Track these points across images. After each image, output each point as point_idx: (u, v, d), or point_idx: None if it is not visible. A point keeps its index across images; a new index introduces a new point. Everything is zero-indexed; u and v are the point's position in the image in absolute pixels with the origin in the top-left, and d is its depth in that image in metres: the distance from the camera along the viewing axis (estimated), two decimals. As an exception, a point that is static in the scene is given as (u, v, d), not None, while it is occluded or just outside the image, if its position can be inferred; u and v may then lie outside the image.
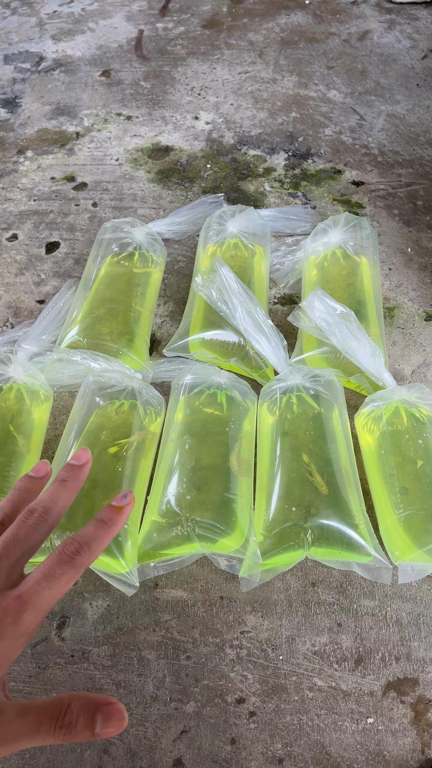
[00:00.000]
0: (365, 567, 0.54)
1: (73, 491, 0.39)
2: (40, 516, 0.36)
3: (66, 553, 0.33)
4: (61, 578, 0.32)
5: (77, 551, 0.34)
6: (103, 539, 0.35)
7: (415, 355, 0.72)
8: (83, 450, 0.41)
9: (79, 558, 0.33)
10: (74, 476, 0.39)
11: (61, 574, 0.32)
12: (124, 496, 0.38)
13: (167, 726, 0.49)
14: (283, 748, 0.48)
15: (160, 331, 0.76)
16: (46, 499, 0.37)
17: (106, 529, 0.36)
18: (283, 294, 0.80)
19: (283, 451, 0.57)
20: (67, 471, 0.40)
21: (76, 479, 0.39)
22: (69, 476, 0.39)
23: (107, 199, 0.93)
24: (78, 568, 0.33)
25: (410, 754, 0.48)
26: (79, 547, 0.34)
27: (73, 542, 0.34)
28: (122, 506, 0.37)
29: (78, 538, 0.35)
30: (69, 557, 0.33)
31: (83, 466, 0.40)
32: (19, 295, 0.80)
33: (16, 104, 1.12)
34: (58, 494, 0.38)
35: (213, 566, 0.56)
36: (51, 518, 0.36)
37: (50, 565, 0.33)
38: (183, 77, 1.17)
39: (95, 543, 0.35)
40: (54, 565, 0.33)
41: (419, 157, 0.98)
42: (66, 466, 0.40)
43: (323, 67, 1.18)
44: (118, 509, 0.37)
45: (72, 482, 0.39)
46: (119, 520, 0.37)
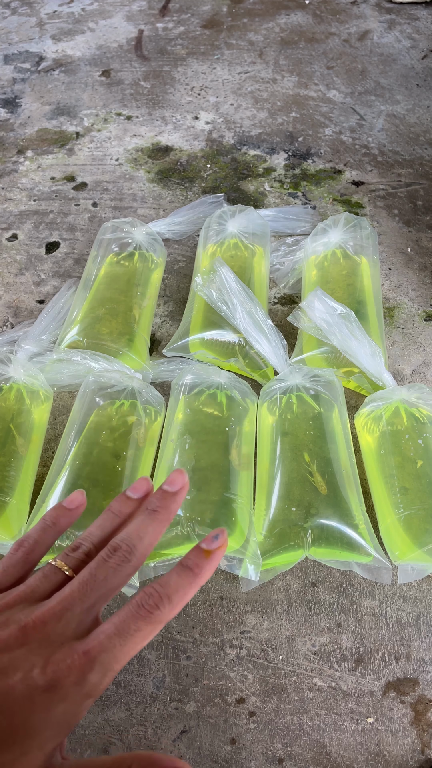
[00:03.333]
0: (365, 567, 0.54)
1: (163, 524, 0.33)
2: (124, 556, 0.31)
3: (145, 607, 0.29)
4: (136, 635, 0.28)
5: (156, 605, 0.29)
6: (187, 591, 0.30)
7: (415, 355, 0.72)
8: (179, 473, 0.34)
9: (158, 613, 0.29)
10: (166, 506, 0.33)
11: (136, 631, 0.28)
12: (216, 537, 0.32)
13: (167, 726, 0.49)
14: (283, 748, 0.48)
15: (160, 331, 0.76)
16: (133, 535, 0.32)
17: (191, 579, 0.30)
18: (283, 294, 0.80)
19: (283, 451, 0.57)
20: (159, 499, 0.33)
21: (167, 510, 0.33)
22: (160, 506, 0.33)
23: (107, 199, 0.93)
24: (156, 625, 0.29)
25: (410, 754, 0.48)
26: (160, 600, 0.29)
27: (153, 594, 0.29)
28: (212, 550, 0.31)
29: (159, 590, 0.30)
30: (147, 612, 0.29)
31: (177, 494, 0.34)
32: (19, 295, 0.80)
33: (16, 104, 1.12)
34: (146, 528, 0.32)
35: (213, 566, 0.56)
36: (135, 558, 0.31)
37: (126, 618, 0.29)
38: (183, 77, 1.17)
39: (177, 596, 0.30)
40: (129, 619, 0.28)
41: (419, 157, 0.98)
42: (158, 493, 0.34)
43: (323, 67, 1.18)
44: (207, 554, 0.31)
45: (163, 513, 0.33)
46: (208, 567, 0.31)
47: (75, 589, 0.30)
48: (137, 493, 0.35)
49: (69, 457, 0.57)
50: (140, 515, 0.33)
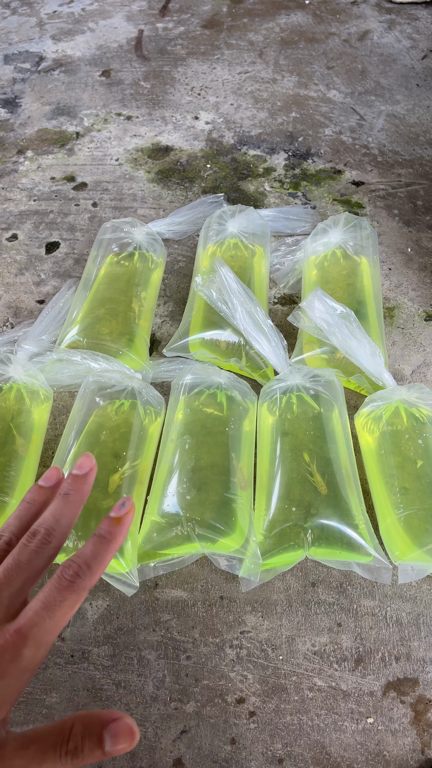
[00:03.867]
0: (365, 567, 0.54)
1: (77, 506, 0.35)
2: (43, 538, 0.33)
3: (65, 577, 0.31)
4: (63, 605, 0.30)
5: (77, 574, 0.31)
6: (104, 557, 0.32)
7: (415, 355, 0.72)
8: (86, 457, 0.37)
9: (79, 581, 0.31)
10: (78, 488, 0.36)
11: (61, 601, 0.30)
12: (122, 504, 0.34)
13: (167, 726, 0.49)
14: (283, 748, 0.48)
15: (160, 331, 0.76)
16: (49, 519, 0.34)
17: (106, 545, 0.33)
18: (283, 294, 0.80)
19: (283, 451, 0.57)
20: (70, 483, 0.36)
21: (80, 492, 0.36)
22: (72, 489, 0.35)
23: (107, 199, 0.93)
24: (80, 592, 0.31)
25: (410, 754, 0.48)
26: (78, 569, 0.31)
27: (71, 565, 0.31)
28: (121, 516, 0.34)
29: (76, 560, 0.32)
30: (69, 581, 0.31)
31: (87, 476, 0.36)
32: (19, 295, 0.80)
33: (16, 104, 1.12)
34: (61, 511, 0.34)
35: (213, 566, 0.56)
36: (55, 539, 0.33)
37: (49, 592, 0.30)
38: (183, 77, 1.17)
39: (95, 562, 0.32)
40: (53, 591, 0.30)
41: (419, 157, 0.98)
42: (68, 477, 0.36)
43: (323, 67, 1.18)
44: (117, 520, 0.34)
45: (75, 495, 0.35)
46: (120, 532, 0.34)
47: (1, 577, 0.31)
48: (49, 482, 0.37)
49: (69, 458, 0.57)
50: (55, 501, 0.35)
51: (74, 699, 0.50)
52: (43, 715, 0.49)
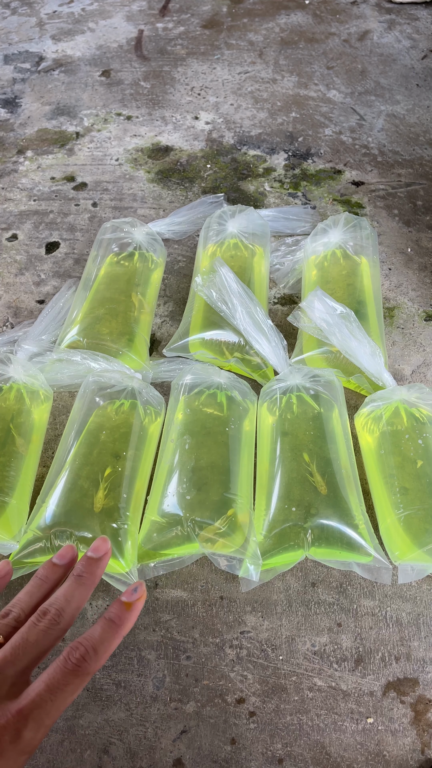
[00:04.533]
0: (365, 567, 0.54)
1: (89, 589, 0.35)
2: (53, 619, 0.33)
3: (71, 660, 0.31)
4: (66, 689, 0.30)
5: (83, 658, 0.31)
6: (112, 642, 0.33)
7: (415, 355, 0.72)
8: (102, 540, 0.37)
9: (85, 666, 0.31)
10: (91, 571, 0.36)
11: (65, 685, 0.30)
12: (135, 590, 0.35)
13: (167, 726, 0.49)
14: (283, 748, 0.48)
15: (160, 331, 0.76)
16: (61, 599, 0.34)
17: (115, 631, 0.33)
18: (283, 294, 0.80)
19: (283, 451, 0.57)
20: (84, 566, 0.36)
21: (92, 575, 0.36)
22: (86, 572, 0.36)
23: (107, 199, 0.93)
24: (83, 677, 0.31)
25: (410, 754, 0.48)
26: (85, 653, 0.31)
27: (78, 647, 0.32)
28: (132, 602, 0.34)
29: (84, 643, 0.32)
30: (74, 665, 0.31)
31: (101, 559, 0.37)
32: (19, 295, 0.80)
33: (16, 104, 1.12)
34: (73, 593, 0.35)
35: (213, 566, 0.56)
36: (64, 621, 0.33)
37: (54, 674, 0.31)
38: (183, 77, 1.17)
39: (102, 647, 0.32)
40: (58, 674, 0.31)
41: (419, 157, 0.98)
42: (83, 560, 0.36)
43: (323, 67, 1.18)
44: (128, 606, 0.34)
45: (88, 579, 0.36)
46: (130, 618, 0.34)
47: (8, 654, 0.31)
48: (63, 560, 0.37)
49: (69, 457, 0.57)
50: (68, 581, 0.35)
51: (74, 699, 0.50)
52: (43, 715, 0.49)
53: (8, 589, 0.55)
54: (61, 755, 0.48)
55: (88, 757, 0.48)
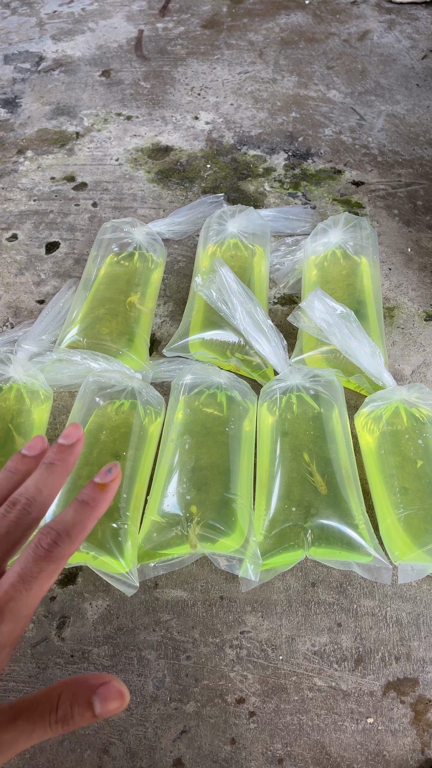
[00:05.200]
0: (365, 567, 0.54)
1: (62, 476, 0.33)
2: (23, 508, 0.31)
3: (42, 546, 0.29)
4: (40, 576, 0.28)
5: (55, 542, 0.29)
6: (86, 524, 0.30)
7: (415, 355, 0.72)
8: (74, 426, 0.34)
9: (58, 550, 0.29)
10: (63, 458, 0.33)
11: (39, 572, 0.28)
12: (109, 470, 0.32)
13: (167, 726, 0.49)
14: (283, 748, 0.48)
15: (160, 331, 0.76)
16: (31, 488, 0.32)
17: (88, 512, 0.31)
18: (283, 294, 0.80)
19: (283, 451, 0.57)
20: (56, 452, 0.33)
21: (65, 462, 0.33)
22: (57, 458, 0.33)
23: (107, 199, 0.93)
24: (58, 562, 0.29)
25: (410, 754, 0.48)
26: (57, 537, 0.29)
27: (50, 532, 0.29)
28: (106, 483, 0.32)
29: (55, 526, 0.30)
30: (46, 551, 0.29)
31: (74, 446, 0.34)
32: (19, 295, 0.80)
33: (16, 104, 1.12)
34: (44, 481, 0.32)
35: (213, 566, 0.56)
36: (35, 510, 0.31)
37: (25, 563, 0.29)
38: (183, 77, 1.17)
39: (76, 529, 0.30)
40: (30, 562, 0.29)
41: (419, 157, 0.98)
42: (54, 447, 0.34)
43: (323, 67, 1.18)
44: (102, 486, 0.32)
45: (60, 465, 0.33)
46: (104, 499, 0.31)
47: None
48: (33, 450, 0.35)
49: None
50: (38, 469, 0.33)
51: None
52: (43, 715, 0.49)
53: None
54: (61, 755, 0.48)
55: (88, 757, 0.48)
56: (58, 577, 0.56)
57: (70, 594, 0.55)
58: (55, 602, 0.55)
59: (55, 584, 0.56)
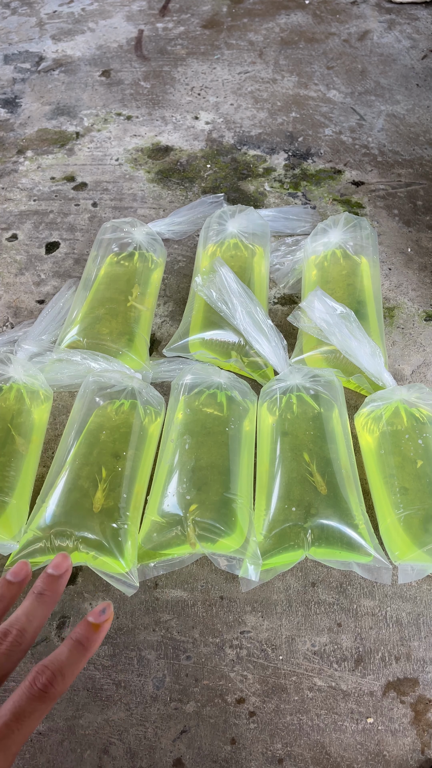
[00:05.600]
0: (365, 567, 0.54)
1: (50, 606, 0.35)
2: (15, 639, 0.32)
3: (36, 685, 0.30)
4: (33, 716, 0.29)
5: (50, 683, 0.30)
6: (78, 664, 0.32)
7: (415, 355, 0.72)
8: (63, 556, 0.37)
9: (52, 690, 0.30)
10: (52, 589, 0.35)
11: (32, 712, 0.30)
12: (102, 611, 0.34)
13: (167, 726, 0.49)
14: (283, 748, 0.48)
15: (160, 331, 0.76)
16: (22, 618, 0.33)
17: (81, 652, 0.32)
18: (283, 294, 0.80)
19: (283, 451, 0.57)
20: (45, 583, 0.35)
21: (54, 592, 0.35)
22: (47, 590, 0.35)
23: (107, 199, 0.93)
24: (50, 702, 0.30)
25: (410, 754, 0.48)
26: (52, 677, 0.31)
27: (44, 671, 0.31)
28: (100, 623, 0.34)
29: (50, 665, 0.31)
30: (41, 691, 0.30)
31: (62, 576, 0.36)
32: (19, 295, 0.80)
33: (16, 104, 1.12)
34: (35, 611, 0.34)
35: (213, 566, 0.56)
36: (26, 641, 0.33)
37: (20, 701, 0.30)
38: (183, 77, 1.17)
39: (69, 670, 0.31)
40: (24, 701, 0.30)
41: (419, 157, 0.98)
42: (43, 576, 0.36)
43: (323, 67, 1.18)
44: (96, 627, 0.33)
45: (49, 596, 0.35)
46: (96, 639, 0.33)
47: None
48: (17, 577, 0.36)
49: (69, 457, 0.57)
50: (27, 599, 0.35)
51: (74, 699, 0.50)
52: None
53: None
54: (61, 755, 0.48)
55: (88, 757, 0.48)
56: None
57: (70, 594, 0.55)
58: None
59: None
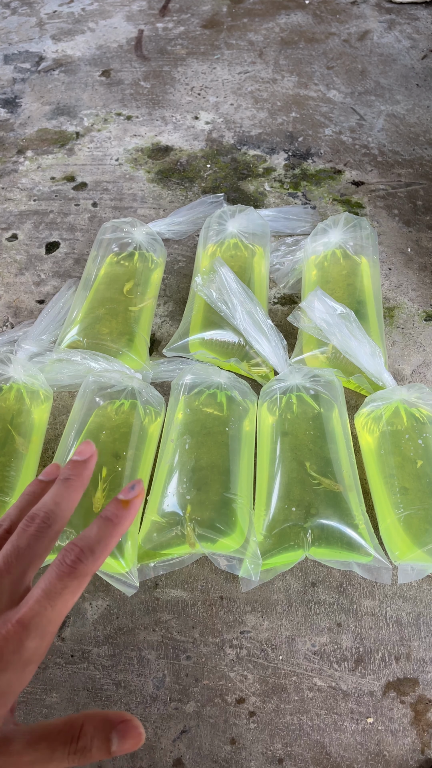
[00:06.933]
0: (365, 567, 0.54)
1: (78, 491, 0.34)
2: (42, 522, 0.32)
3: (66, 562, 0.29)
4: (64, 593, 0.29)
5: (79, 559, 0.30)
6: (109, 541, 0.31)
7: (415, 355, 0.72)
8: (87, 443, 0.36)
9: (81, 566, 0.29)
10: (78, 473, 0.35)
11: (63, 589, 0.29)
12: (132, 487, 0.33)
13: (167, 726, 0.49)
14: (283, 748, 0.48)
15: (160, 331, 0.76)
16: (49, 502, 0.33)
17: (111, 529, 0.31)
18: (283, 294, 0.80)
19: (283, 451, 0.57)
20: (71, 468, 0.35)
21: (80, 477, 0.35)
22: (73, 474, 0.34)
23: (107, 199, 0.93)
24: (82, 578, 0.29)
25: (410, 754, 0.48)
26: (81, 553, 0.30)
27: (73, 548, 0.30)
28: (129, 500, 0.32)
29: (79, 543, 0.30)
30: (70, 567, 0.29)
31: (88, 461, 0.35)
32: (19, 295, 0.80)
33: (16, 104, 1.12)
34: (62, 495, 0.33)
35: (213, 566, 0.56)
36: (55, 524, 0.32)
37: (50, 579, 0.29)
38: (183, 77, 1.17)
39: (99, 546, 0.30)
40: (54, 578, 0.29)
41: (419, 157, 0.98)
42: (69, 463, 0.35)
43: (323, 67, 1.18)
44: (125, 504, 0.32)
45: (76, 481, 0.34)
46: (127, 516, 0.32)
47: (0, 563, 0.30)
48: (49, 476, 0.36)
49: (69, 457, 0.57)
50: (54, 485, 0.34)
51: (74, 699, 0.50)
52: (43, 714, 0.49)
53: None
54: (61, 755, 0.48)
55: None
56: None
57: (70, 594, 0.55)
58: (55, 602, 0.55)
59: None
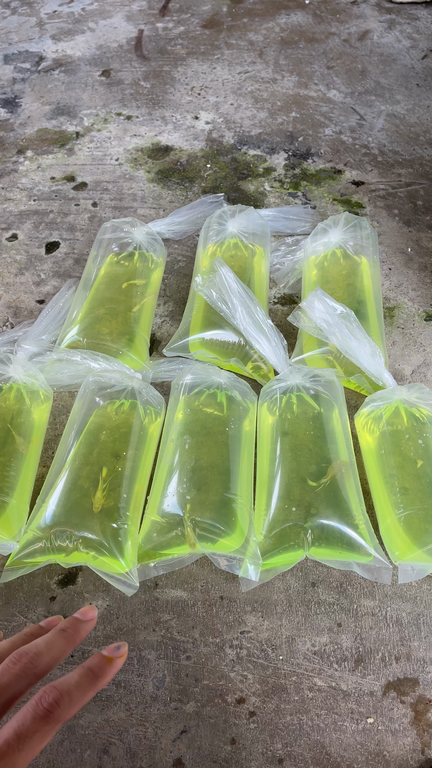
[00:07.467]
0: (365, 567, 0.54)
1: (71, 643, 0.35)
2: (29, 662, 0.32)
3: (43, 705, 0.29)
4: (34, 738, 0.28)
5: (57, 703, 0.29)
6: (87, 691, 0.31)
7: (415, 355, 0.72)
8: (91, 608, 0.37)
9: (57, 711, 0.29)
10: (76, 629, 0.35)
11: (34, 733, 0.28)
12: (118, 647, 0.34)
13: (167, 726, 0.49)
14: (283, 748, 0.48)
15: (160, 331, 0.76)
16: (40, 644, 0.33)
17: (92, 680, 0.32)
18: (283, 294, 0.80)
19: (283, 451, 0.57)
20: (70, 622, 0.36)
21: (76, 632, 0.35)
22: (70, 627, 0.35)
23: (107, 199, 0.93)
24: (55, 724, 0.29)
25: (410, 754, 0.48)
26: (59, 697, 0.30)
27: (52, 691, 0.30)
28: (114, 658, 0.33)
29: (59, 687, 0.30)
30: (46, 710, 0.29)
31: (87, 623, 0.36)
32: (19, 295, 0.80)
33: (16, 104, 1.12)
34: (54, 642, 0.34)
35: (213, 566, 0.56)
36: (40, 667, 0.32)
37: (24, 719, 0.29)
38: (183, 77, 1.17)
39: (77, 694, 0.31)
40: (27, 720, 0.29)
41: (419, 157, 0.98)
42: (69, 618, 0.36)
43: (323, 67, 1.18)
44: (109, 660, 0.33)
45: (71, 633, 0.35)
46: (108, 673, 0.33)
47: None
48: (49, 625, 0.37)
49: (69, 457, 0.57)
50: (50, 632, 0.35)
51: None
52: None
53: (6, 599, 0.55)
54: (61, 755, 0.48)
55: (88, 757, 0.48)
56: (58, 577, 0.56)
57: (70, 594, 0.55)
58: (55, 602, 0.55)
59: (55, 584, 0.56)
